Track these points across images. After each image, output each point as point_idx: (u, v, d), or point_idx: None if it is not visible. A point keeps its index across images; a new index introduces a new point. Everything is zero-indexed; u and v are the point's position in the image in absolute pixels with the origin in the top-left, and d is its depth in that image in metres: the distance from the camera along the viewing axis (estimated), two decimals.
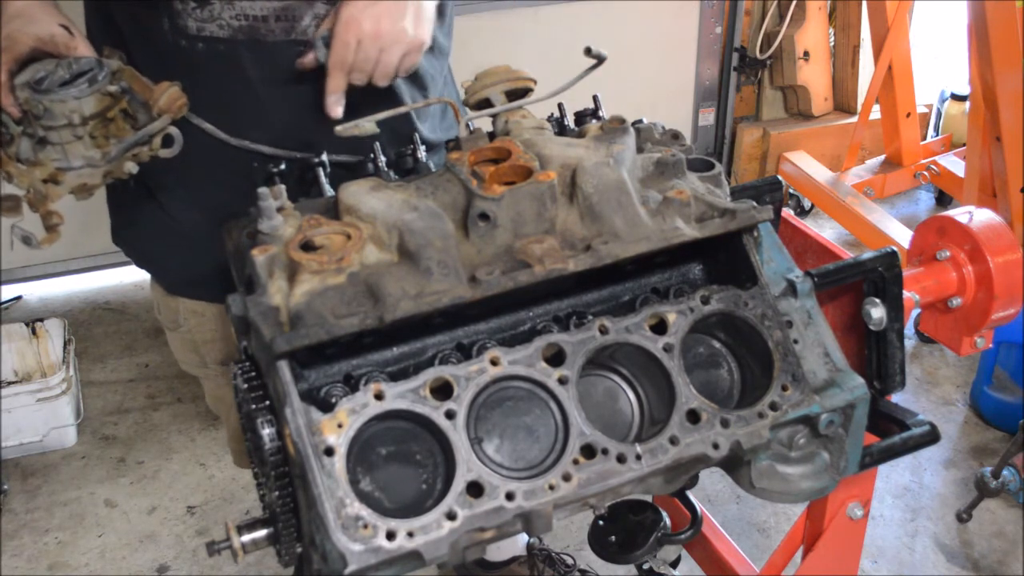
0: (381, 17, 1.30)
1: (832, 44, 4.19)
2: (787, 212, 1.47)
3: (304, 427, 0.90)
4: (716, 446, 1.00)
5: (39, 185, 1.25)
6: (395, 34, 1.31)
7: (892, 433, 1.21)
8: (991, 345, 1.48)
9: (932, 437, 1.20)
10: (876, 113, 3.85)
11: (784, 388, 1.05)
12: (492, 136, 1.18)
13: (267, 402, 0.97)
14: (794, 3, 3.99)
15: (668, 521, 1.37)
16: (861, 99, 4.09)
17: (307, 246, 0.99)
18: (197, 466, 2.86)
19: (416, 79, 1.58)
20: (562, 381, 0.98)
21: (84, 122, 1.24)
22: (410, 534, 0.89)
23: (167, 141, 1.32)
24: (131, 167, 1.30)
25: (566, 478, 0.95)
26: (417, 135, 1.30)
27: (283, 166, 1.27)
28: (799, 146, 4.10)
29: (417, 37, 1.34)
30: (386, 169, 1.25)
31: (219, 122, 1.40)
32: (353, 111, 1.32)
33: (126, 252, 1.69)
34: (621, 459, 0.97)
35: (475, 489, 0.92)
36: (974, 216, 1.42)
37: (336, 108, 1.36)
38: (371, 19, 1.29)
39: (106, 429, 3.02)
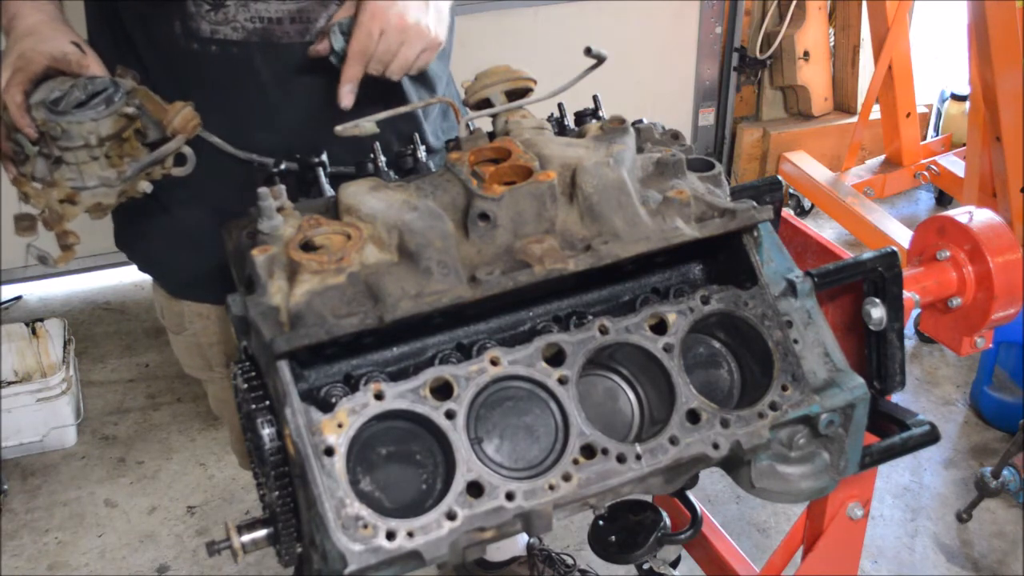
0: (406, 11, 1.31)
1: (832, 44, 4.19)
2: (787, 212, 1.47)
3: (304, 427, 0.90)
4: (716, 446, 1.00)
5: (55, 205, 1.26)
6: (418, 29, 1.32)
7: (892, 433, 1.21)
8: (991, 345, 1.48)
9: (932, 437, 1.20)
10: (876, 113, 3.85)
11: (784, 388, 1.05)
12: (492, 136, 1.18)
13: (267, 402, 0.97)
14: (794, 3, 3.99)
15: (668, 521, 1.37)
16: (861, 99, 4.09)
17: (307, 246, 0.99)
18: (197, 466, 2.86)
19: (424, 80, 1.58)
20: (562, 381, 0.98)
21: (101, 143, 1.25)
22: (410, 534, 0.89)
23: (180, 160, 1.32)
24: (145, 186, 1.31)
25: (566, 478, 0.95)
26: (418, 135, 1.30)
27: (284, 166, 1.27)
28: (799, 146, 4.10)
29: (437, 36, 1.36)
30: (386, 169, 1.25)
31: (227, 124, 1.40)
32: (357, 111, 1.32)
33: (130, 256, 1.69)
34: (621, 459, 0.97)
35: (475, 489, 0.92)
36: (974, 216, 1.42)
37: (349, 97, 1.34)
38: (396, 12, 1.30)
39: (106, 429, 3.02)
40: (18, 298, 3.67)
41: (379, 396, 0.93)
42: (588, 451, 0.97)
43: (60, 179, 1.26)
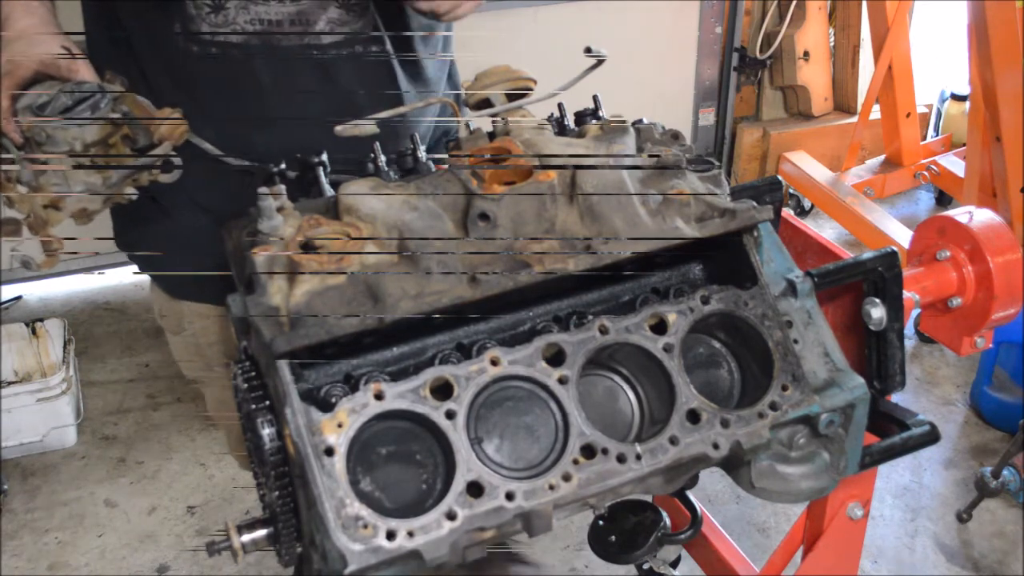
0: None
1: (832, 44, 4.19)
2: (787, 212, 1.47)
3: (304, 427, 0.90)
4: (716, 446, 1.00)
5: (39, 210, 1.25)
6: None
7: (892, 433, 1.21)
8: (991, 345, 1.48)
9: (932, 437, 1.20)
10: (876, 113, 3.85)
11: (784, 388, 1.04)
12: (492, 136, 1.18)
13: (267, 402, 0.97)
14: (794, 3, 3.99)
15: (668, 521, 1.37)
16: (861, 99, 4.10)
17: (307, 246, 0.99)
18: (197, 466, 2.86)
19: (424, 84, 1.58)
20: (562, 381, 0.98)
21: (86, 149, 1.25)
22: (410, 534, 0.89)
23: (166, 166, 1.32)
24: (131, 193, 1.31)
25: (566, 478, 0.95)
26: (417, 135, 1.29)
27: (283, 165, 1.26)
28: (799, 146, 4.10)
29: None
30: (386, 169, 1.25)
31: (226, 125, 1.39)
32: (356, 112, 1.32)
33: (131, 257, 1.69)
34: (621, 459, 0.97)
35: (475, 489, 0.92)
36: (974, 216, 1.42)
37: None
38: None
39: (106, 429, 3.02)
40: (18, 298, 3.68)
41: (379, 396, 0.93)
42: (588, 451, 0.97)
43: (45, 184, 1.26)
